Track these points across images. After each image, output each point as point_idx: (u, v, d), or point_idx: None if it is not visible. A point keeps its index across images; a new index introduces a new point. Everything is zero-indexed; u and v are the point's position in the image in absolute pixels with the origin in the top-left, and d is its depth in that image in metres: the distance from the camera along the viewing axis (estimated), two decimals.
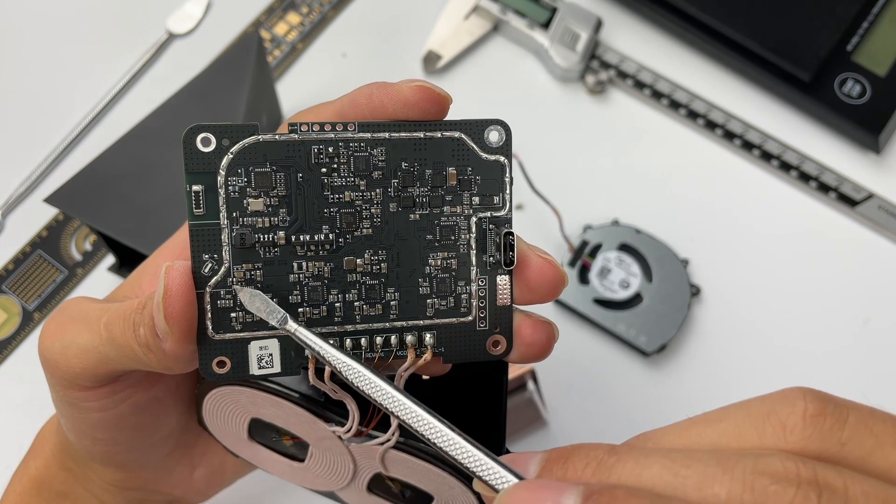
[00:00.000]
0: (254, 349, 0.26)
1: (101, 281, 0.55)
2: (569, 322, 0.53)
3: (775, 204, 0.57)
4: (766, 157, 0.57)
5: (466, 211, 0.27)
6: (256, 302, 0.25)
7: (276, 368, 0.26)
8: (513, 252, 0.27)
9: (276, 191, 0.26)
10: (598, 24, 0.59)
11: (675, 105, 0.58)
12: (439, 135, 0.27)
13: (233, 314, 0.26)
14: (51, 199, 0.47)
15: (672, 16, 0.59)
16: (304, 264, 0.26)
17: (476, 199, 0.27)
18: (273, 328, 0.26)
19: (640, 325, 0.52)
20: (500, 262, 0.27)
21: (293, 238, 0.26)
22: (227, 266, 0.26)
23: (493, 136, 0.28)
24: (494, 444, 0.32)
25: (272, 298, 0.26)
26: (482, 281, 0.27)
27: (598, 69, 0.59)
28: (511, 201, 0.28)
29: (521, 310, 0.28)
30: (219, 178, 0.26)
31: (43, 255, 0.56)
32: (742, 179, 0.57)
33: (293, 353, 0.26)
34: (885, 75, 0.57)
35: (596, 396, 0.52)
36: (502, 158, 0.28)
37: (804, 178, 0.56)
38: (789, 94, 0.58)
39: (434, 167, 0.27)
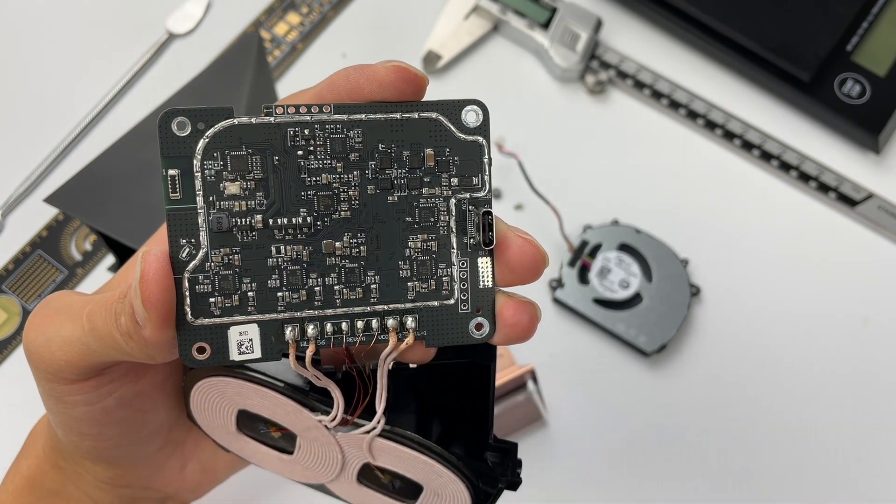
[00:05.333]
0: (233, 334, 0.26)
1: (101, 281, 0.55)
2: (568, 322, 0.53)
3: (775, 204, 0.57)
4: (766, 156, 0.57)
5: (445, 192, 0.27)
6: None
7: (257, 354, 0.26)
8: (492, 232, 0.27)
9: (252, 174, 0.26)
10: (598, 24, 0.59)
11: (674, 105, 0.58)
12: (416, 115, 0.27)
13: (211, 299, 0.26)
14: (51, 199, 0.47)
15: (672, 16, 0.59)
16: (282, 248, 0.26)
17: (455, 181, 0.27)
18: (254, 313, 0.26)
19: (640, 325, 0.52)
20: (480, 242, 0.27)
21: (271, 222, 0.26)
22: (205, 251, 0.26)
23: (471, 116, 0.27)
24: (481, 432, 0.32)
25: (250, 283, 0.26)
26: (463, 263, 0.27)
27: (598, 69, 0.59)
28: (490, 182, 0.27)
29: (504, 291, 0.28)
30: (195, 163, 0.26)
31: (43, 255, 0.56)
32: (742, 179, 0.57)
33: (273, 338, 0.26)
34: (884, 75, 0.57)
35: (596, 396, 0.52)
36: (480, 139, 0.27)
37: (804, 177, 0.56)
38: (789, 93, 0.58)
39: (412, 148, 0.27)
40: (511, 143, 0.57)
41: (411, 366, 0.31)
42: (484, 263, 0.27)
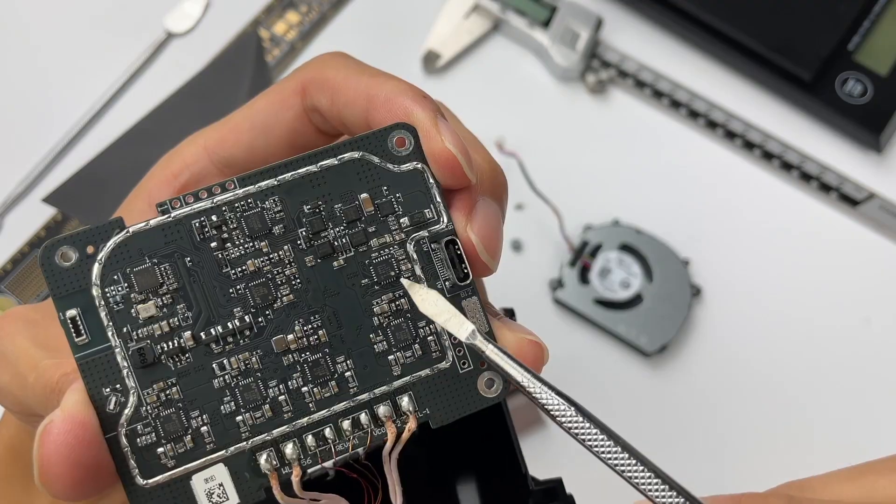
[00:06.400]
0: (199, 485, 0.22)
1: None
2: (569, 322, 0.53)
3: (776, 204, 0.56)
4: (767, 156, 0.57)
5: (398, 237, 0.23)
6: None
7: (234, 499, 0.22)
8: (464, 263, 0.23)
9: (165, 286, 0.22)
10: (599, 23, 0.59)
11: (675, 104, 0.58)
12: (335, 161, 0.23)
13: (159, 449, 0.22)
14: (49, 199, 0.47)
15: (673, 14, 0.59)
16: (225, 362, 0.22)
17: (405, 221, 0.24)
18: (216, 450, 0.22)
19: (641, 326, 0.52)
20: (455, 279, 0.23)
21: (203, 335, 0.22)
22: (135, 394, 0.22)
23: (400, 142, 0.24)
24: (516, 478, 0.29)
25: (199, 416, 0.22)
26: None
27: (599, 68, 0.59)
28: (446, 210, 0.24)
29: (503, 324, 0.24)
30: (94, 294, 0.22)
31: None
32: (743, 179, 0.57)
33: (248, 474, 0.22)
34: (886, 75, 0.56)
35: (596, 397, 0.52)
36: (419, 165, 0.24)
37: (805, 177, 0.56)
38: (790, 93, 0.57)
39: (343, 199, 0.23)
40: (511, 142, 0.56)
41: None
42: (471, 306, 0.24)
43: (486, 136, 0.56)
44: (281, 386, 0.23)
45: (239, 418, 0.22)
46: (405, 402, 0.23)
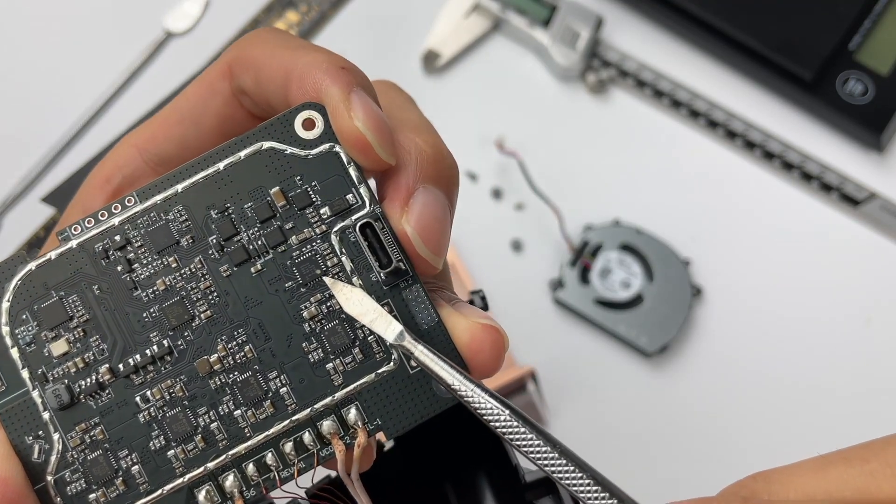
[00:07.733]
0: None
1: None
2: (569, 322, 0.53)
3: (777, 204, 0.56)
4: (768, 156, 0.57)
5: (319, 230, 0.21)
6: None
7: None
8: (391, 248, 0.21)
9: (75, 320, 0.21)
10: (599, 23, 0.59)
11: (676, 104, 0.58)
12: (242, 155, 0.21)
13: (91, 496, 0.21)
14: (48, 199, 0.47)
15: (673, 14, 0.59)
16: (148, 393, 0.21)
17: (325, 211, 0.21)
18: (151, 491, 0.21)
19: (641, 326, 0.51)
20: (379, 267, 0.21)
21: (121, 367, 0.21)
22: (59, 438, 0.21)
23: (309, 124, 0.21)
24: (504, 463, 0.27)
25: (127, 455, 0.21)
26: (385, 306, 0.21)
27: (599, 68, 0.59)
28: (370, 192, 0.21)
29: (455, 311, 0.22)
30: (4, 336, 0.21)
31: None
32: (743, 179, 0.57)
33: None
34: (887, 74, 0.56)
35: (596, 397, 0.52)
36: (333, 146, 0.21)
37: (806, 177, 0.56)
38: (791, 92, 0.57)
39: (253, 197, 0.21)
40: (511, 142, 0.56)
41: (386, 447, 0.26)
42: (412, 296, 0.21)
43: (486, 136, 0.56)
44: (211, 413, 0.21)
45: (170, 453, 0.21)
46: (352, 414, 0.21)
